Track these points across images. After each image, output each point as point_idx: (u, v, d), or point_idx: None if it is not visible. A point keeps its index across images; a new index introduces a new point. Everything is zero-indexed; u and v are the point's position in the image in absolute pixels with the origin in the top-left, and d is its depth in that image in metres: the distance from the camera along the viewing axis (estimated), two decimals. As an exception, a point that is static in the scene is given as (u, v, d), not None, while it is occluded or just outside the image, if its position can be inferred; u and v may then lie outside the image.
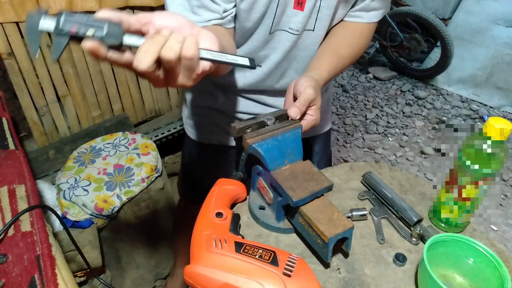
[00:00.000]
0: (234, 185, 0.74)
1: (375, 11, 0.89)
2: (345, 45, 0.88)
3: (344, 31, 0.90)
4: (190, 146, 1.14)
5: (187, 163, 1.18)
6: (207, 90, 1.01)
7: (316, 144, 1.17)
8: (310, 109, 0.75)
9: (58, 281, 0.64)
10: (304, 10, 0.81)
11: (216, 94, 1.00)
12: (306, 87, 0.73)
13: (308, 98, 0.72)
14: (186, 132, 1.14)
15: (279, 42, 0.86)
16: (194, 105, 1.06)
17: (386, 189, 0.79)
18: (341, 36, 0.89)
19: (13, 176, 0.84)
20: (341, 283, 0.64)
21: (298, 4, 0.80)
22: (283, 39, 0.85)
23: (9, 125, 1.04)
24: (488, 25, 2.76)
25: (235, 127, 0.69)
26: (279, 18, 0.81)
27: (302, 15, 0.81)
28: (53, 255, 0.68)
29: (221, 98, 1.00)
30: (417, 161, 2.39)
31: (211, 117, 1.05)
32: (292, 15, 0.81)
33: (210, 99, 1.02)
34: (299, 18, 0.82)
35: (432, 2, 3.15)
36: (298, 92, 0.74)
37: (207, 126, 1.07)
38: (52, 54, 0.50)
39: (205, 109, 1.05)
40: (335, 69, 0.85)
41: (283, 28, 0.84)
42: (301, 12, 0.81)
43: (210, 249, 0.57)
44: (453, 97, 2.98)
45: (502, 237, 1.95)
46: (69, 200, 1.32)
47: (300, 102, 0.72)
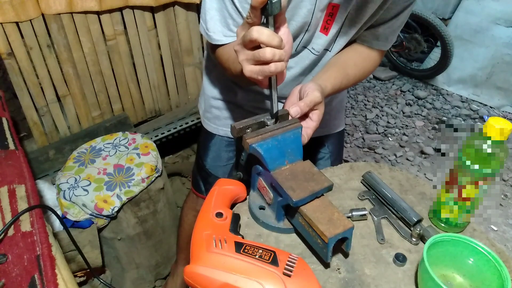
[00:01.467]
0: (234, 185, 0.74)
1: (384, 42, 0.93)
2: (352, 65, 0.92)
3: (354, 53, 0.94)
4: (206, 138, 1.18)
5: (202, 155, 1.21)
6: (227, 85, 1.07)
7: (330, 143, 1.19)
8: (313, 113, 0.75)
9: (58, 281, 0.63)
10: (328, 35, 0.87)
11: (236, 89, 1.06)
12: (314, 90, 0.75)
13: (314, 100, 0.73)
14: (203, 124, 1.19)
15: (301, 58, 0.92)
16: (213, 98, 1.11)
17: (386, 189, 0.79)
18: (350, 56, 0.93)
19: (13, 176, 0.84)
20: (341, 283, 0.64)
21: (324, 28, 0.87)
22: (305, 56, 0.92)
23: (9, 125, 1.04)
24: (488, 25, 2.75)
25: (235, 127, 0.69)
26: (306, 39, 0.88)
27: (326, 38, 0.88)
28: (53, 255, 0.68)
29: (240, 93, 1.05)
30: (417, 161, 2.39)
31: (229, 110, 1.10)
32: (317, 38, 0.88)
33: (229, 93, 1.07)
34: (322, 41, 0.89)
35: (432, 2, 3.15)
36: (305, 94, 0.75)
37: (224, 120, 1.12)
38: None
39: (223, 103, 1.10)
40: (339, 85, 0.87)
41: (307, 47, 0.91)
42: (325, 36, 0.88)
43: (210, 249, 0.57)
44: (453, 97, 2.98)
45: (502, 237, 1.95)
46: (69, 200, 1.32)
47: (305, 102, 0.72)
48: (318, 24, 0.86)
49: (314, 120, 0.76)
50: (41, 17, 1.49)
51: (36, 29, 1.49)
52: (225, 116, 1.12)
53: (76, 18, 1.54)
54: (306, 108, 0.73)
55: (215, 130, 1.15)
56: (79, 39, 1.60)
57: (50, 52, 1.57)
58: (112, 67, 1.76)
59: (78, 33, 1.58)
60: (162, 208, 1.51)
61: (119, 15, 1.65)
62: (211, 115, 1.14)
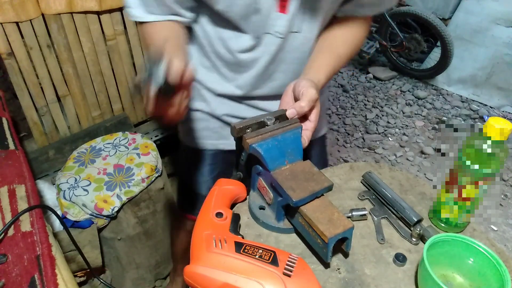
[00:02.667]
0: (234, 185, 0.74)
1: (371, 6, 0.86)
2: (341, 43, 0.87)
3: (340, 29, 0.88)
4: (184, 153, 1.12)
5: (183, 171, 1.15)
6: (199, 94, 1.01)
7: (312, 149, 1.14)
8: (311, 113, 0.74)
9: (58, 281, 0.63)
10: (287, 13, 0.80)
11: (208, 98, 1.00)
12: (308, 87, 0.72)
13: (312, 98, 0.71)
14: (180, 138, 1.11)
15: (266, 45, 0.86)
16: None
17: (386, 189, 0.79)
18: (337, 33, 0.88)
19: (13, 176, 0.84)
20: (341, 283, 0.64)
21: (282, 7, 0.80)
22: (269, 42, 0.85)
23: (9, 125, 1.04)
24: (488, 25, 2.75)
25: (235, 127, 0.69)
26: (263, 22, 0.81)
27: (286, 18, 0.81)
28: (53, 255, 0.68)
29: (213, 102, 1.00)
30: (417, 161, 2.39)
31: (204, 121, 1.03)
32: (276, 19, 0.81)
33: (202, 103, 1.01)
34: (284, 22, 0.81)
35: (432, 2, 3.15)
36: (300, 94, 0.72)
37: (200, 131, 1.05)
38: None
39: (197, 113, 1.03)
40: (333, 70, 0.84)
41: (269, 31, 0.83)
42: (285, 15, 0.80)
43: (210, 249, 0.57)
44: (453, 97, 2.98)
45: (502, 237, 1.95)
46: (69, 200, 1.32)
47: (303, 102, 0.70)
48: (273, 3, 0.79)
49: (312, 120, 0.74)
50: (41, 17, 1.49)
51: (36, 29, 1.49)
52: (200, 128, 1.04)
53: (76, 18, 1.54)
54: (306, 109, 0.71)
55: (192, 143, 1.08)
56: (79, 39, 1.60)
57: (50, 52, 1.57)
58: (112, 67, 1.75)
59: (78, 33, 1.58)
60: (162, 208, 1.51)
61: (119, 15, 1.65)
62: (186, 127, 1.07)
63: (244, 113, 1.00)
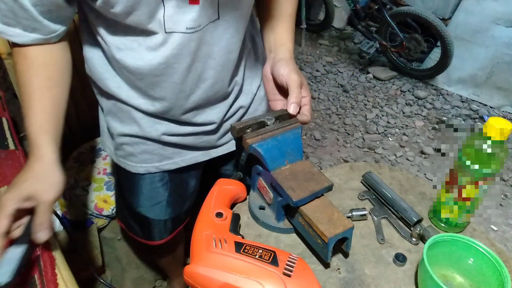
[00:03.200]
0: (234, 185, 0.74)
1: None
2: (284, 2, 0.84)
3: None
4: (129, 180, 0.99)
5: (131, 200, 1.01)
6: (128, 116, 0.87)
7: None
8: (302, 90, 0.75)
9: (58, 281, 0.64)
10: (199, 3, 0.68)
11: (139, 119, 0.87)
12: (289, 73, 0.73)
13: (297, 84, 0.73)
14: (118, 164, 0.98)
15: (181, 46, 0.72)
16: (120, 135, 0.91)
17: (386, 189, 0.79)
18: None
19: (13, 176, 0.84)
20: (341, 283, 0.64)
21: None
22: (184, 41, 0.72)
23: (9, 125, 1.04)
24: (488, 25, 2.75)
25: (235, 127, 0.69)
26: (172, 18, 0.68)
27: (198, 8, 0.68)
28: (53, 255, 0.68)
29: (146, 124, 0.87)
30: (417, 161, 2.39)
31: (140, 144, 0.91)
32: (190, 12, 0.68)
33: (133, 126, 0.88)
34: (195, 14, 0.69)
35: (432, 2, 3.15)
36: (283, 82, 0.74)
37: (140, 155, 0.93)
38: None
39: (132, 138, 0.90)
40: (292, 32, 0.83)
41: (180, 30, 0.70)
42: (197, 5, 0.68)
43: (210, 249, 0.57)
44: (453, 97, 2.98)
45: (502, 237, 1.95)
46: (69, 200, 1.32)
47: (294, 93, 0.72)
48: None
49: (306, 94, 0.76)
50: (41, 17, 1.49)
51: (36, 29, 1.49)
52: (140, 151, 0.92)
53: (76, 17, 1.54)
54: (300, 96, 0.73)
55: (134, 169, 0.95)
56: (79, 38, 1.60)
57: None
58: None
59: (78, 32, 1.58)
60: (162, 208, 1.51)
61: (119, 15, 1.64)
62: (124, 152, 0.94)
63: (183, 130, 0.89)
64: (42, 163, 0.67)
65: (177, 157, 0.95)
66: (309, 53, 3.48)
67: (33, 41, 0.69)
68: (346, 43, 3.66)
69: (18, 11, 0.64)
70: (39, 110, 0.70)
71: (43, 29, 0.68)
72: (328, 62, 3.38)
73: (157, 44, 0.71)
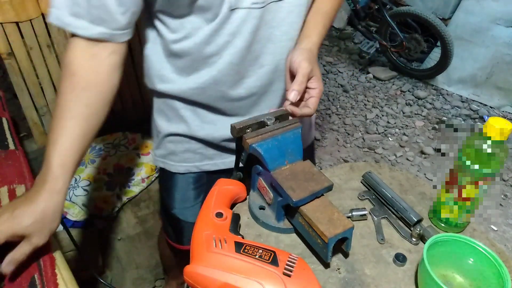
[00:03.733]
0: (233, 185, 0.74)
1: None
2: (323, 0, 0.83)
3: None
4: (166, 179, 1.01)
5: (167, 200, 1.03)
6: (177, 114, 0.88)
7: None
8: (310, 82, 0.74)
9: (58, 281, 0.64)
10: None
11: (189, 118, 0.88)
12: (301, 61, 0.71)
13: (305, 72, 0.71)
14: (158, 165, 1.00)
15: (242, 22, 0.71)
16: (167, 135, 0.93)
17: (386, 189, 0.79)
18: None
19: (13, 176, 0.84)
20: (341, 283, 0.64)
21: None
22: (247, 17, 0.70)
23: (9, 125, 1.04)
24: (488, 25, 2.75)
25: (235, 127, 0.69)
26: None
27: None
28: (53, 255, 0.68)
29: (194, 123, 0.88)
30: (417, 161, 2.39)
31: (184, 143, 0.93)
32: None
33: (181, 125, 0.90)
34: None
35: (432, 2, 3.15)
36: (294, 69, 0.72)
37: (181, 154, 0.94)
38: None
39: (177, 137, 0.92)
40: (323, 28, 0.80)
41: (244, 6, 0.69)
42: None
43: (210, 249, 0.57)
44: (453, 97, 2.98)
45: (502, 237, 1.95)
46: (69, 200, 1.32)
47: (298, 80, 0.70)
48: None
49: (315, 87, 0.74)
50: (41, 17, 1.49)
51: (36, 29, 1.49)
52: (181, 150, 0.93)
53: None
54: (303, 85, 0.71)
55: (174, 168, 0.96)
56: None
57: (50, 52, 1.57)
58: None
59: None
60: (162, 208, 1.51)
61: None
62: (165, 151, 0.95)
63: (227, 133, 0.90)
64: (50, 200, 0.64)
65: (218, 158, 0.95)
66: (309, 53, 3.48)
67: (98, 35, 0.66)
68: (346, 43, 3.66)
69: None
70: (67, 142, 0.66)
71: (112, 21, 0.66)
72: (328, 62, 3.38)
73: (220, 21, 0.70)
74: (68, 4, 0.64)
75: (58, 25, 0.66)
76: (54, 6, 0.65)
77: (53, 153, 0.66)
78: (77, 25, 0.65)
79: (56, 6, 0.65)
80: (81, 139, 0.68)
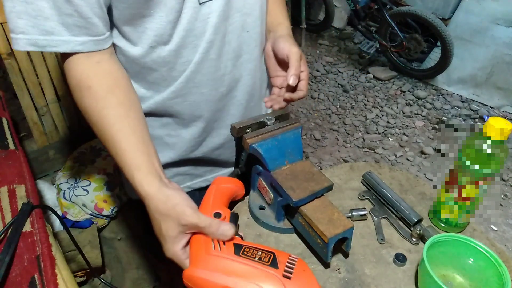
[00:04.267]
0: (231, 183, 0.73)
1: None
2: None
3: None
4: None
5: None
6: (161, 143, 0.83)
7: None
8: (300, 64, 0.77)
9: (58, 281, 0.63)
10: None
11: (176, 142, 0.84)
12: (289, 47, 0.75)
13: (297, 57, 0.74)
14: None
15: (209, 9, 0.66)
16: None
17: (386, 189, 0.79)
18: None
19: (13, 176, 0.84)
20: (341, 283, 0.64)
21: None
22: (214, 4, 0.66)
23: (9, 125, 1.04)
24: (488, 25, 2.75)
25: (235, 127, 0.69)
26: None
27: None
28: (53, 255, 0.68)
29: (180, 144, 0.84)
30: (417, 161, 2.39)
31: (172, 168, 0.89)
32: None
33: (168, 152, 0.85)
34: None
35: (432, 2, 3.15)
36: (284, 56, 0.75)
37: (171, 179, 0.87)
38: None
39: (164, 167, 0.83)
40: (286, 12, 0.85)
41: None
42: None
43: (209, 252, 0.57)
44: (453, 97, 2.98)
45: (502, 237, 1.95)
46: (69, 200, 1.32)
47: (294, 65, 0.73)
48: None
49: (304, 69, 0.77)
50: (41, 17, 1.49)
51: (36, 29, 1.49)
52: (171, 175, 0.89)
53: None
54: (299, 70, 0.74)
55: None
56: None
57: (50, 52, 1.57)
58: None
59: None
60: (162, 208, 1.51)
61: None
62: None
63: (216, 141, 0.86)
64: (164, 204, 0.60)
65: (208, 174, 0.94)
66: (309, 53, 3.48)
67: (82, 46, 0.61)
68: (346, 43, 3.66)
69: (62, 5, 0.56)
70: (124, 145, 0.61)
71: (90, 27, 0.60)
72: (328, 62, 3.38)
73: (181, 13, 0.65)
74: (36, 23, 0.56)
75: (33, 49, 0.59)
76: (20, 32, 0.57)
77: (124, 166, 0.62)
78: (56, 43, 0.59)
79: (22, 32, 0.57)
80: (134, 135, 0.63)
